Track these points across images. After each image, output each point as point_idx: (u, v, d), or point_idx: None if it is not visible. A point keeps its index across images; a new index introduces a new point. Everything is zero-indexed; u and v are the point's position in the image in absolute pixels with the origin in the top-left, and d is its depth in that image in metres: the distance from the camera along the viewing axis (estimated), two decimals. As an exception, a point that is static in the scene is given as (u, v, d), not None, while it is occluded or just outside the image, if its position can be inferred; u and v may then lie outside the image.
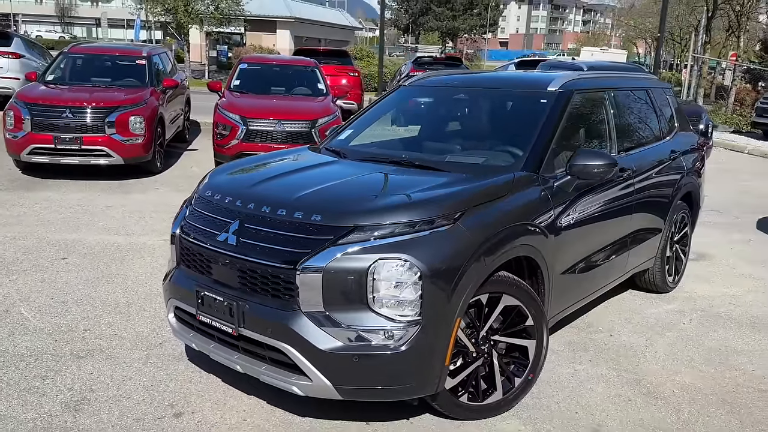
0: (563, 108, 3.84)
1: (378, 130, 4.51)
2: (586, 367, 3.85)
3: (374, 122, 4.50)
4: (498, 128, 4.17)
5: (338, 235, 2.76)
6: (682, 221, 5.20)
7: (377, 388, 2.81)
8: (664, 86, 5.35)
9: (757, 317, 4.76)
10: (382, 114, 4.58)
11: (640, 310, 4.81)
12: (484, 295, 3.07)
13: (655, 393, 3.58)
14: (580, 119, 4.08)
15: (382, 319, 2.73)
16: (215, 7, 30.66)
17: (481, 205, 3.05)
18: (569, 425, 3.22)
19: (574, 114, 3.97)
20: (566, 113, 3.84)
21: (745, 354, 4.14)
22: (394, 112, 4.62)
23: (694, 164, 5.28)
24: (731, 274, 5.76)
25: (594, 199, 3.81)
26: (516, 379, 3.28)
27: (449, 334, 2.83)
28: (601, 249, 3.99)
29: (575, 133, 3.99)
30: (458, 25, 63.32)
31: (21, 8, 79.81)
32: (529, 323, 3.25)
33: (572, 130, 3.94)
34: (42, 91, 8.58)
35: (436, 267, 2.75)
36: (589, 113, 4.20)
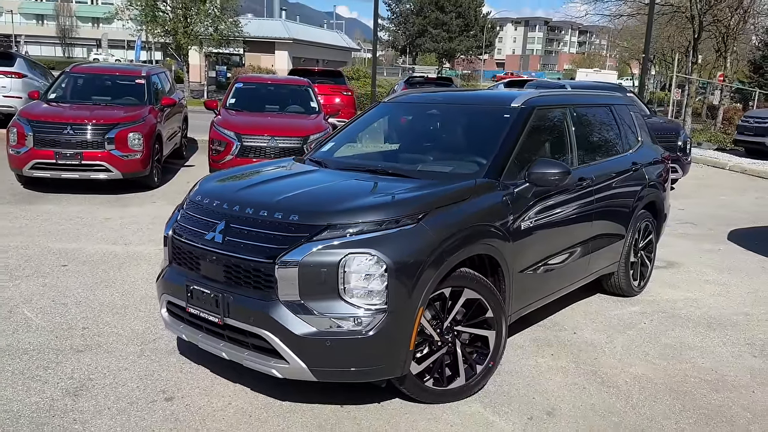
0: (524, 122, 4.20)
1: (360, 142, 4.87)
2: (548, 360, 4.16)
3: (355, 135, 4.86)
4: (466, 140, 4.53)
5: (313, 233, 3.10)
6: (646, 229, 5.53)
7: (348, 370, 3.13)
8: (628, 103, 5.72)
9: (714, 318, 5.08)
10: (364, 128, 4.94)
11: (605, 311, 5.13)
12: (447, 288, 3.40)
13: (609, 382, 3.89)
14: (541, 132, 4.44)
15: (352, 307, 3.05)
16: (214, 28, 31.25)
17: (443, 207, 3.39)
18: (525, 408, 3.53)
19: (536, 127, 4.33)
20: (527, 126, 4.20)
21: (698, 350, 4.45)
22: (375, 126, 4.98)
23: (657, 176, 5.63)
24: (697, 280, 6.08)
25: (553, 205, 4.15)
26: (478, 366, 3.59)
27: (413, 321, 3.15)
28: (561, 251, 4.32)
29: (536, 145, 4.35)
30: (455, 46, 64.20)
31: (23, 29, 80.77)
32: (489, 315, 3.57)
33: (533, 141, 4.29)
34: (44, 109, 8.96)
35: (400, 261, 3.08)
36: (551, 127, 4.56)
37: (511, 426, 3.34)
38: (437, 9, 62.92)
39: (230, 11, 31.44)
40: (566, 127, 4.62)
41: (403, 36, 67.30)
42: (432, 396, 3.47)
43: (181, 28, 30.25)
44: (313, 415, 3.33)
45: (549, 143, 4.52)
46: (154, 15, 30.28)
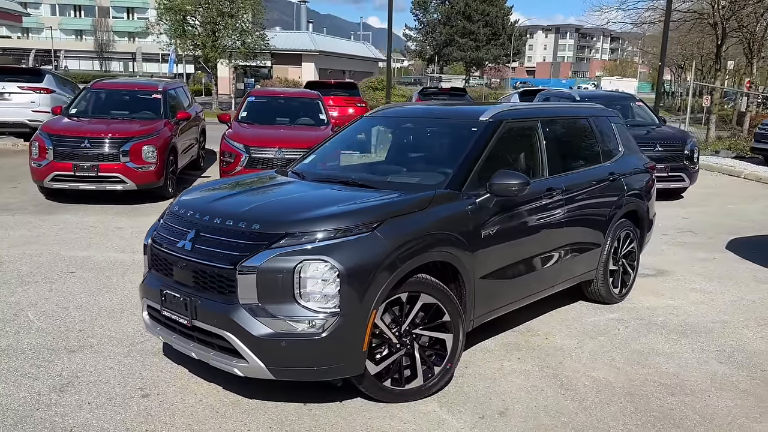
0: (491, 135, 4.40)
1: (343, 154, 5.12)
2: (513, 363, 4.33)
3: (338, 147, 5.11)
4: (436, 152, 4.75)
5: (272, 241, 3.35)
6: (627, 238, 5.65)
7: (304, 370, 3.36)
8: (608, 115, 5.86)
9: (690, 325, 5.18)
10: (347, 140, 5.19)
11: (582, 318, 5.26)
12: (404, 293, 3.61)
13: (567, 385, 4.05)
14: (510, 144, 4.63)
15: (307, 310, 3.28)
16: (242, 42, 31.95)
17: (399, 216, 3.61)
18: (479, 408, 3.71)
19: (504, 140, 4.52)
20: (494, 139, 4.40)
21: (665, 355, 4.57)
22: (355, 139, 5.22)
23: (639, 185, 5.76)
24: (683, 289, 6.16)
25: (518, 215, 4.33)
26: (436, 368, 3.79)
27: (365, 324, 3.36)
28: (528, 259, 4.49)
29: (504, 156, 4.53)
30: (482, 55, 64.32)
31: (63, 44, 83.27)
32: (446, 319, 3.77)
33: (501, 153, 4.48)
34: (64, 124, 9.43)
35: (352, 267, 3.30)
36: (520, 139, 4.75)
37: (461, 424, 3.52)
38: (464, 18, 63.18)
39: (258, 25, 32.11)
40: (537, 140, 4.79)
41: (430, 46, 67.67)
42: (390, 395, 3.67)
43: (209, 42, 30.99)
44: (275, 413, 3.56)
45: (518, 155, 4.70)
46: (183, 29, 31.10)
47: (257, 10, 31.17)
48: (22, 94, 13.93)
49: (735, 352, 4.66)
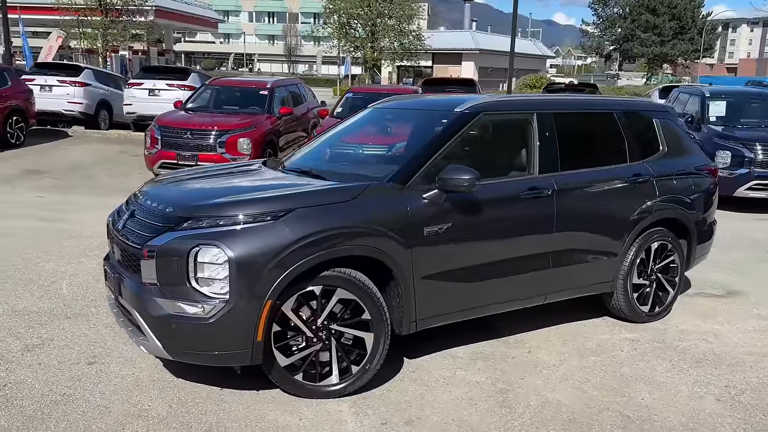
0: (460, 127, 4.11)
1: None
2: (468, 373, 4.01)
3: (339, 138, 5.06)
4: (405, 144, 4.52)
5: (177, 224, 3.44)
6: (663, 249, 4.97)
7: (194, 353, 3.41)
8: (648, 109, 5.18)
9: (717, 355, 4.43)
10: (348, 131, 5.12)
11: (591, 334, 4.73)
12: (318, 286, 3.51)
13: (508, 403, 3.67)
14: (488, 138, 4.29)
15: (198, 294, 3.32)
16: (399, 43, 32.71)
17: (313, 206, 3.52)
18: (390, 414, 3.50)
19: (480, 133, 4.21)
20: (462, 132, 4.11)
21: (655, 385, 3.96)
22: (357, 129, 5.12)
23: (684, 191, 5.03)
24: (744, 314, 5.27)
25: (481, 213, 4.00)
26: (354, 367, 3.64)
27: (258, 313, 3.32)
28: (495, 262, 4.12)
29: (477, 151, 4.22)
30: (666, 51, 59.52)
31: (257, 49, 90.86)
32: (366, 317, 3.60)
33: (473, 147, 4.18)
34: (174, 116, 10.35)
35: (245, 255, 3.28)
36: (504, 133, 4.38)
37: (357, 428, 3.35)
38: (648, 11, 58.86)
39: (414, 24, 32.63)
40: (530, 134, 4.39)
41: (609, 41, 64.02)
42: (303, 390, 3.59)
43: (368, 43, 32.11)
44: (187, 393, 3.64)
45: (499, 149, 4.35)
46: (346, 31, 32.53)
47: (413, 11, 31.66)
48: (61, 86, 15.55)
49: (747, 391, 3.91)
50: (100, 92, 16.11)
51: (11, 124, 13.22)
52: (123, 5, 33.90)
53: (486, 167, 4.43)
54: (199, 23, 53.92)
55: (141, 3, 34.29)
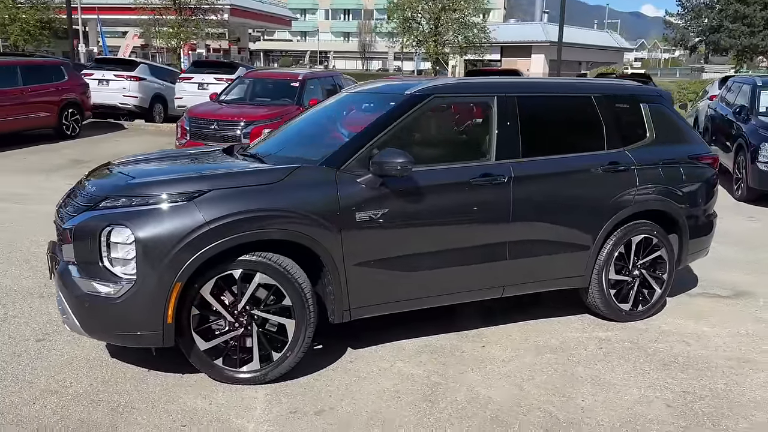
0: (406, 110, 3.95)
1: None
2: (406, 366, 3.85)
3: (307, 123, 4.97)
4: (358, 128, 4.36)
5: (95, 204, 3.46)
6: (647, 244, 4.62)
7: (107, 332, 3.43)
8: (636, 93, 4.82)
9: (690, 359, 4.07)
10: (319, 116, 5.03)
11: (560, 332, 4.45)
12: (237, 270, 3.45)
13: (434, 397, 3.50)
14: (438, 121, 4.12)
15: (108, 274, 3.33)
16: (463, 36, 32.26)
17: (231, 188, 3.46)
18: (303, 403, 3.40)
19: (430, 116, 4.05)
20: (409, 115, 3.95)
21: (605, 386, 3.68)
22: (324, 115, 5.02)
23: (672, 180, 4.66)
24: (744, 317, 4.84)
25: (423, 200, 3.83)
26: (275, 354, 3.56)
27: (166, 295, 3.29)
28: (441, 252, 3.93)
29: (426, 135, 4.05)
30: (757, 42, 55.92)
31: (332, 46, 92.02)
32: (287, 303, 3.52)
33: (422, 131, 4.02)
34: (203, 108, 10.57)
35: (152, 236, 3.27)
36: (457, 116, 4.17)
37: (265, 415, 3.28)
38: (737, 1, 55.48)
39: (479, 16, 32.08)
40: (489, 118, 4.17)
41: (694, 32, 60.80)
42: (223, 376, 3.55)
43: (431, 37, 31.84)
44: (113, 372, 3.67)
45: (450, 133, 4.15)
46: (409, 26, 32.38)
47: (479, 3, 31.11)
48: (117, 80, 16.20)
49: (706, 398, 3.57)
50: (154, 86, 16.70)
51: (67, 116, 13.88)
52: (197, 4, 35.12)
53: (436, 152, 4.28)
54: (272, 21, 55.11)
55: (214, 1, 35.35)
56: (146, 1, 33.87)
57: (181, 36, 35.14)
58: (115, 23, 42.95)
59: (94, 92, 15.61)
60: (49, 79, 13.60)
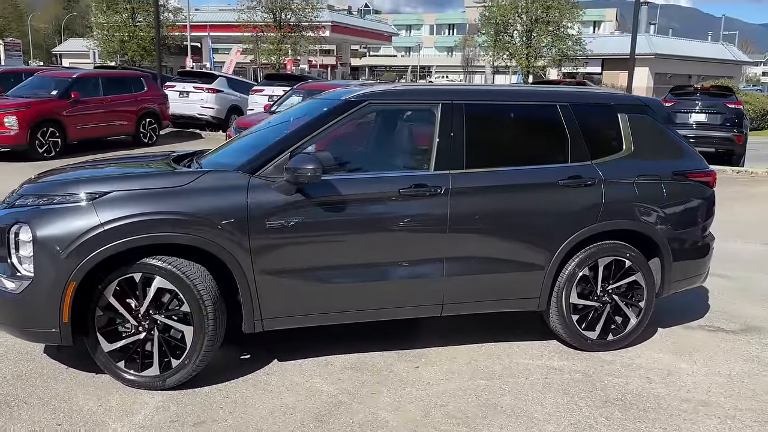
0: (335, 116, 3.82)
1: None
2: (323, 383, 3.67)
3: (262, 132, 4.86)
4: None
5: (13, 203, 3.58)
6: (618, 267, 4.18)
7: (8, 327, 3.50)
8: (612, 102, 4.36)
9: (643, 397, 3.62)
10: (275, 125, 4.89)
11: (511, 358, 4.11)
12: (138, 273, 3.45)
13: (330, 417, 3.31)
14: (372, 129, 3.95)
15: (16, 270, 3.42)
16: (558, 49, 31.32)
17: (133, 191, 3.46)
18: (188, 412, 3.32)
19: (364, 123, 3.89)
20: (338, 121, 3.80)
21: (519, 420, 3.34)
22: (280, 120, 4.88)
23: (650, 198, 4.19)
24: (735, 354, 4.26)
25: (343, 209, 3.66)
26: (174, 361, 3.51)
27: (60, 294, 3.32)
28: (364, 264, 3.73)
29: (356, 142, 3.89)
30: None
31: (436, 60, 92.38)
32: (185, 309, 3.46)
33: (349, 138, 3.87)
34: (249, 118, 10.90)
35: (48, 235, 3.31)
36: (394, 124, 3.98)
37: (146, 422, 3.22)
38: None
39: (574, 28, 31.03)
40: (429, 126, 3.94)
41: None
42: (125, 379, 3.53)
43: (523, 51, 31.17)
44: (33, 367, 3.75)
45: (385, 141, 3.96)
46: (500, 40, 31.86)
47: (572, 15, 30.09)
48: (196, 92, 16.94)
49: (629, 442, 3.15)
50: (231, 98, 17.39)
51: (145, 125, 14.72)
52: (297, 21, 36.43)
53: (367, 160, 4.12)
54: (373, 37, 56.22)
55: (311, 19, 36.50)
56: (249, 19, 35.58)
57: (281, 52, 36.55)
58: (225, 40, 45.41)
59: (175, 103, 16.49)
60: (129, 89, 14.50)
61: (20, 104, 12.33)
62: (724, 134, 12.90)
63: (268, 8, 35.36)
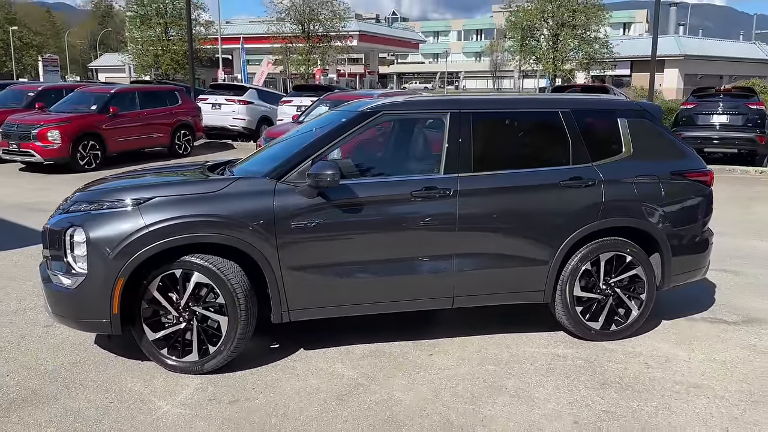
0: (353, 125, 4.20)
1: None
2: (344, 368, 4.04)
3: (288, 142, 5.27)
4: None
5: (67, 209, 4.05)
6: (619, 262, 4.48)
7: (67, 318, 3.95)
8: (610, 108, 4.68)
9: (640, 380, 3.91)
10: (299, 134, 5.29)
11: (518, 346, 4.43)
12: (179, 270, 3.88)
13: (350, 397, 3.68)
14: (389, 136, 4.32)
15: (71, 268, 3.87)
16: (584, 53, 31.32)
17: (173, 196, 3.90)
18: (225, 392, 3.72)
19: (380, 132, 4.26)
20: (356, 131, 4.19)
21: (520, 399, 3.66)
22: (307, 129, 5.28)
23: (647, 197, 4.48)
24: (733, 342, 4.52)
25: (360, 210, 4.04)
26: (211, 348, 3.92)
27: (111, 289, 3.76)
28: (380, 260, 4.09)
29: (374, 149, 4.26)
30: None
31: (464, 66, 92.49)
32: (221, 301, 3.87)
33: (368, 145, 4.24)
34: (278, 128, 11.41)
35: (99, 236, 3.76)
36: (408, 132, 4.36)
37: (185, 400, 3.63)
38: None
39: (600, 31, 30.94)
40: (439, 133, 4.31)
41: None
42: (167, 364, 3.95)
43: (550, 54, 31.24)
44: (85, 355, 4.20)
45: (399, 148, 4.33)
46: (526, 44, 31.99)
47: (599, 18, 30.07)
48: (228, 104, 17.53)
49: (623, 418, 3.46)
50: (261, 109, 17.99)
51: (179, 137, 15.35)
52: (324, 32, 37.09)
53: (383, 165, 4.49)
54: (401, 45, 56.73)
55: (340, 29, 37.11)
56: (278, 30, 36.36)
57: (310, 62, 37.21)
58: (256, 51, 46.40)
59: (208, 115, 17.12)
60: (164, 103, 15.15)
61: (62, 119, 13.02)
62: (747, 135, 12.96)
63: (296, 20, 36.06)
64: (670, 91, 36.21)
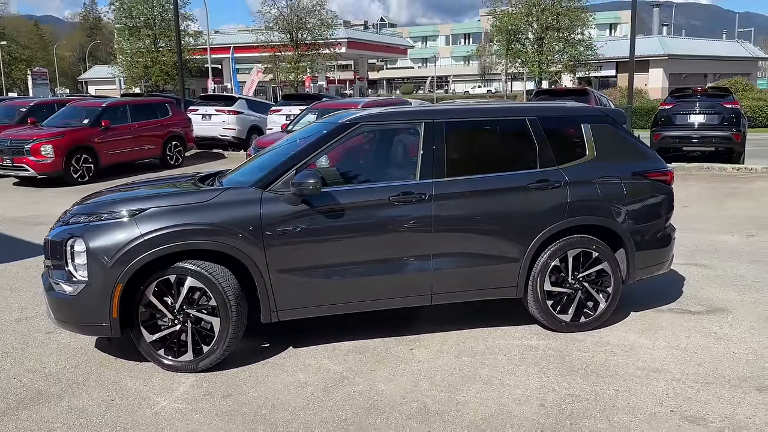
0: (332, 137, 4.51)
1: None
2: (330, 364, 4.33)
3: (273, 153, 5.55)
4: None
5: (67, 221, 4.33)
6: (586, 257, 4.79)
7: (68, 323, 4.22)
8: (576, 114, 5.01)
9: (605, 367, 4.22)
10: (284, 145, 5.57)
11: (493, 339, 4.73)
12: (173, 275, 4.16)
13: (335, 389, 3.96)
14: (368, 146, 4.63)
15: (72, 275, 4.15)
16: (569, 55, 31.80)
17: (166, 207, 4.18)
18: (218, 388, 3.99)
19: (359, 142, 4.57)
20: (336, 142, 4.49)
21: (491, 386, 3.96)
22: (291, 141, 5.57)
23: (610, 196, 4.79)
24: (695, 331, 4.83)
25: (341, 215, 4.33)
26: (205, 347, 4.20)
27: (110, 295, 4.04)
28: (362, 261, 4.38)
29: (354, 158, 4.56)
30: None
31: (453, 70, 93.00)
32: (213, 304, 4.16)
33: (351, 155, 4.55)
34: (266, 138, 11.68)
35: (98, 246, 4.04)
36: (385, 141, 4.67)
37: (182, 396, 3.91)
38: None
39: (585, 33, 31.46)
40: (414, 142, 4.62)
41: None
42: (164, 364, 4.23)
43: (536, 57, 31.69)
44: (90, 358, 4.46)
45: (377, 156, 4.64)
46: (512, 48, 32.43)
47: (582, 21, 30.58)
48: (217, 115, 17.92)
49: (587, 400, 3.76)
50: (251, 119, 18.30)
51: (171, 147, 15.61)
52: (312, 39, 37.43)
53: (361, 172, 4.80)
54: (389, 51, 57.18)
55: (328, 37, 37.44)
56: (267, 39, 36.69)
57: (299, 70, 37.55)
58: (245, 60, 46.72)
59: (198, 126, 17.40)
60: (155, 115, 15.42)
61: (55, 134, 13.28)
62: (724, 133, 13.35)
63: (284, 28, 36.40)
64: (655, 91, 36.74)
